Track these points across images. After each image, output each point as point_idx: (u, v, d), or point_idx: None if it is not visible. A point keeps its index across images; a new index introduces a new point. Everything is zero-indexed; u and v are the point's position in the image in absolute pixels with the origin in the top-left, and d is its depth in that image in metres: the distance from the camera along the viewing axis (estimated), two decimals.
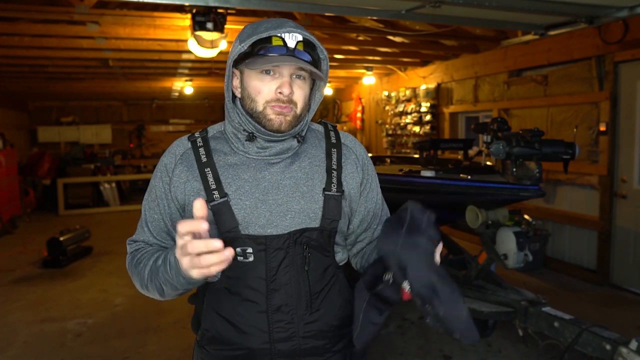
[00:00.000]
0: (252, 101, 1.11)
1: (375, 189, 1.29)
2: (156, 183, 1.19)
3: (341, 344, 1.24)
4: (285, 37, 1.07)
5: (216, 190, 1.12)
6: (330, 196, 1.17)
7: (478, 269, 3.52)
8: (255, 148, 1.15)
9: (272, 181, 1.14)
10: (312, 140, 1.23)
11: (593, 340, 2.57)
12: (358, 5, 3.61)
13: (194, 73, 7.90)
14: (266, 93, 1.09)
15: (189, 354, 3.42)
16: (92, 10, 4.45)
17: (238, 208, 1.12)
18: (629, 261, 4.51)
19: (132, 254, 1.21)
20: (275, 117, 1.10)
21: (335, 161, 1.20)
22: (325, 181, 1.18)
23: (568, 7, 3.55)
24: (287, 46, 1.06)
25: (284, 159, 1.17)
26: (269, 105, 1.10)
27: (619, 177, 4.56)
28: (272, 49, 1.06)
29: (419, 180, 3.41)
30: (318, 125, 1.29)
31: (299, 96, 1.11)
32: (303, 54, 1.08)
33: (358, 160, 1.25)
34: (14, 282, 5.18)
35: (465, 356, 3.34)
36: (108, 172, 10.84)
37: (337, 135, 1.26)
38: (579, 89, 4.85)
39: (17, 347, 3.60)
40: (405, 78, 8.04)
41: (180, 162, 1.17)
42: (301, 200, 1.14)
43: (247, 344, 1.16)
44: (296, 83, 1.10)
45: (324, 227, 1.16)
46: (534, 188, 2.89)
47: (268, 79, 1.09)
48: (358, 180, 1.23)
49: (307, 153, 1.20)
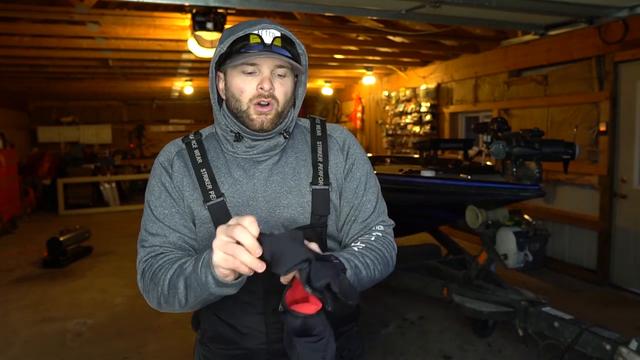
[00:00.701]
0: (236, 101, 1.14)
1: (359, 179, 1.23)
2: (156, 181, 1.19)
3: (339, 341, 1.23)
4: (262, 34, 1.09)
5: (212, 190, 1.14)
6: (317, 190, 1.17)
7: (478, 269, 3.52)
8: (243, 147, 1.17)
9: (260, 178, 1.17)
10: (299, 135, 1.25)
11: (593, 340, 2.57)
12: (358, 5, 3.61)
13: (194, 73, 7.90)
14: (249, 91, 1.12)
15: (189, 353, 3.42)
16: (92, 10, 4.45)
17: (231, 206, 1.14)
18: (629, 261, 4.50)
19: (147, 261, 1.12)
20: (257, 117, 1.12)
21: (320, 154, 1.21)
22: (312, 175, 1.19)
23: (568, 7, 3.55)
24: (264, 42, 1.09)
25: (271, 156, 1.19)
26: (252, 103, 1.12)
27: (619, 177, 4.56)
28: (250, 47, 1.08)
29: (419, 180, 3.41)
30: (305, 120, 1.30)
31: (280, 92, 1.13)
32: (281, 49, 1.10)
33: (342, 148, 1.24)
34: (14, 282, 5.18)
35: (465, 356, 3.34)
36: (108, 172, 10.84)
37: (323, 128, 1.26)
38: (579, 89, 4.85)
39: (17, 347, 3.60)
40: (405, 78, 8.05)
41: (176, 158, 1.19)
42: (289, 195, 1.16)
43: (245, 344, 1.17)
44: (277, 80, 1.12)
45: (315, 224, 1.17)
46: (534, 188, 2.89)
47: (249, 77, 1.11)
48: (342, 168, 1.23)
49: (294, 148, 1.22)
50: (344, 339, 1.25)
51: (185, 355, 3.41)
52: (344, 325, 1.26)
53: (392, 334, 3.70)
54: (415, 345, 3.49)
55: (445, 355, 3.36)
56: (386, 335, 3.66)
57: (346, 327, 1.27)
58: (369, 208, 1.23)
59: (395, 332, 3.72)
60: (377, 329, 3.76)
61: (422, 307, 4.17)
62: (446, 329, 3.75)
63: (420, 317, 3.98)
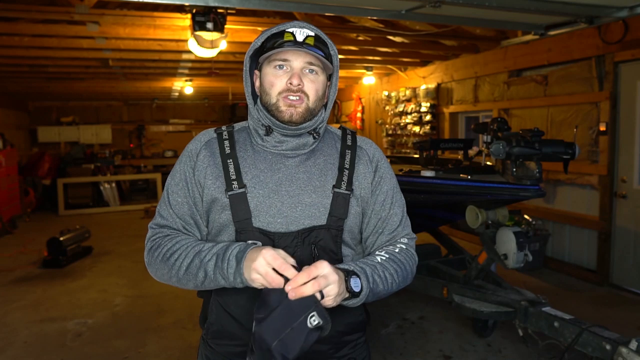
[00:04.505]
0: (266, 95, 1.17)
1: (386, 192, 1.27)
2: (180, 167, 1.24)
3: (345, 350, 1.25)
4: (295, 32, 1.15)
5: (235, 181, 1.17)
6: (339, 193, 1.19)
7: (478, 269, 3.52)
8: (273, 142, 1.20)
9: (286, 173, 1.19)
10: (329, 141, 1.28)
11: (593, 340, 2.57)
12: (358, 5, 3.61)
13: (194, 73, 7.90)
14: (278, 85, 1.16)
15: (189, 354, 3.42)
16: (92, 10, 4.45)
17: (252, 196, 1.16)
18: (629, 261, 4.50)
19: (155, 240, 1.20)
20: (286, 109, 1.15)
21: (348, 161, 1.24)
22: (336, 178, 1.21)
23: (568, 7, 3.55)
24: (296, 40, 1.13)
25: (299, 155, 1.21)
26: (281, 96, 1.15)
27: (619, 177, 4.56)
28: (283, 44, 1.13)
29: (419, 180, 3.41)
30: (337, 129, 1.33)
31: (310, 88, 1.16)
32: (312, 48, 1.14)
33: (371, 161, 1.27)
34: (14, 282, 5.18)
35: (465, 356, 3.34)
36: (108, 172, 10.84)
37: (353, 138, 1.30)
38: (579, 89, 4.85)
39: (17, 347, 3.60)
40: (405, 78, 8.05)
41: (204, 147, 1.23)
42: (313, 194, 1.18)
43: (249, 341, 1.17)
44: (307, 76, 1.16)
45: (330, 225, 1.18)
46: (534, 188, 2.89)
47: (281, 72, 1.16)
48: (370, 179, 1.25)
49: (323, 152, 1.25)
50: (349, 348, 1.25)
51: (185, 356, 3.41)
52: (350, 334, 1.26)
53: (392, 334, 3.70)
54: (415, 345, 3.50)
55: (445, 355, 3.36)
56: (386, 335, 3.66)
57: (353, 337, 1.27)
58: (395, 221, 1.28)
59: (395, 332, 3.72)
60: (377, 329, 3.76)
61: (422, 307, 4.17)
62: (446, 329, 3.75)
63: (420, 317, 3.98)
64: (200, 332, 1.35)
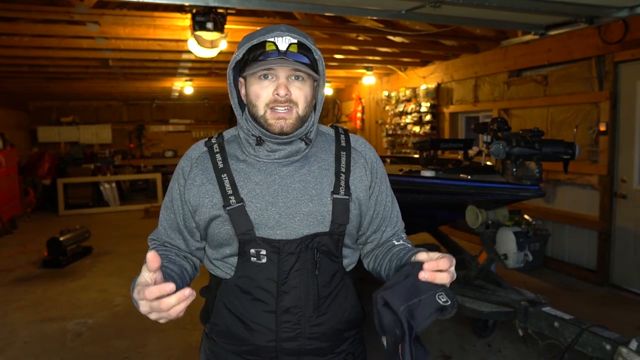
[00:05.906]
0: (253, 106, 1.15)
1: (385, 191, 1.30)
2: (173, 185, 1.25)
3: (344, 345, 1.26)
4: (277, 41, 1.11)
5: (232, 195, 1.16)
6: (338, 200, 1.19)
7: (478, 269, 3.52)
8: (264, 151, 1.18)
9: (281, 184, 1.17)
10: (322, 144, 1.26)
11: (593, 340, 2.57)
12: (358, 5, 3.61)
13: (194, 73, 7.90)
14: (265, 96, 1.13)
15: (189, 354, 3.42)
16: (92, 10, 4.45)
17: (249, 210, 1.15)
18: (629, 261, 4.50)
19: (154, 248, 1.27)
20: (276, 122, 1.13)
21: (344, 164, 1.23)
22: (334, 184, 1.20)
23: (568, 7, 3.55)
24: (279, 50, 1.10)
25: (293, 162, 1.20)
26: (269, 107, 1.13)
27: (619, 177, 4.56)
28: (265, 54, 1.10)
29: (419, 180, 3.40)
30: (329, 128, 1.31)
31: (299, 96, 1.13)
32: (296, 55, 1.11)
33: (367, 163, 1.26)
34: (14, 282, 5.18)
35: (465, 356, 3.34)
36: (108, 172, 10.84)
37: (347, 138, 1.28)
38: (579, 89, 4.85)
39: (17, 347, 3.60)
40: (405, 78, 8.05)
41: (195, 165, 1.22)
42: (310, 203, 1.17)
43: (254, 341, 1.19)
44: (294, 84, 1.13)
45: (333, 232, 1.18)
46: (534, 188, 2.89)
47: (266, 83, 1.13)
48: (367, 183, 1.25)
49: (317, 157, 1.23)
50: (348, 343, 1.27)
51: (185, 356, 3.41)
52: (349, 330, 1.27)
53: None
54: None
55: (445, 355, 3.36)
56: None
57: (351, 333, 1.28)
58: (395, 215, 1.32)
59: None
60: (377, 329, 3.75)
61: None
62: (446, 329, 3.75)
63: None
64: (200, 331, 1.35)
